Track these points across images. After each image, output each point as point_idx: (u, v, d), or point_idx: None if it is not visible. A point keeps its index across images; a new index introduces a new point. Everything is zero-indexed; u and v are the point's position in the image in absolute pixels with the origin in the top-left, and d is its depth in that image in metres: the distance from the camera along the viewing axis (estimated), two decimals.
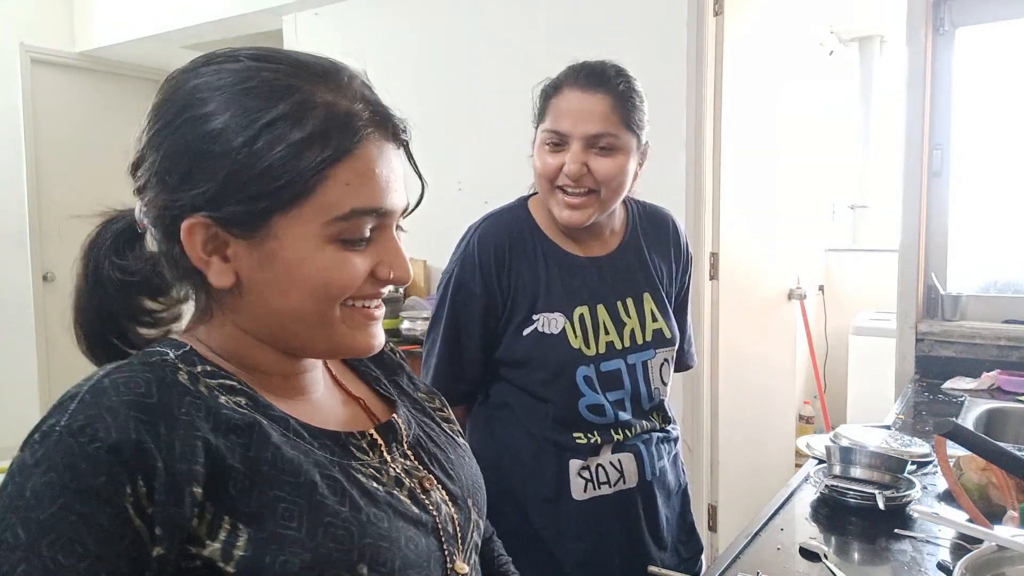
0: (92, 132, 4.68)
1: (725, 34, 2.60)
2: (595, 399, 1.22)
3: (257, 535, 0.54)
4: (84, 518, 0.49)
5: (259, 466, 0.57)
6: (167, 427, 0.54)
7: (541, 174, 1.21)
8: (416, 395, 0.81)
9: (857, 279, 4.28)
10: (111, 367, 0.57)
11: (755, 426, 3.02)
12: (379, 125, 0.62)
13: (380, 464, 0.66)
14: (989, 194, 2.40)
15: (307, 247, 0.59)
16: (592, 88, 1.17)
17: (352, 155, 0.59)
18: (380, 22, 3.40)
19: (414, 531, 0.64)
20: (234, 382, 0.61)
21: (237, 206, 0.58)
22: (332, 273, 0.60)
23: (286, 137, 0.58)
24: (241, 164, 0.58)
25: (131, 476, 0.51)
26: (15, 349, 4.32)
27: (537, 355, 1.22)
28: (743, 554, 1.09)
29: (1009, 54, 2.35)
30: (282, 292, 0.61)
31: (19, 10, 4.30)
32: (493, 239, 1.25)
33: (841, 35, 4.37)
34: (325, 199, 0.59)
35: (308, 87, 0.59)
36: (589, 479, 1.23)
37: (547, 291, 1.23)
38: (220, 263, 0.61)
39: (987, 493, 1.19)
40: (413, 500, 0.66)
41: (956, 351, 2.23)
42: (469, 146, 3.13)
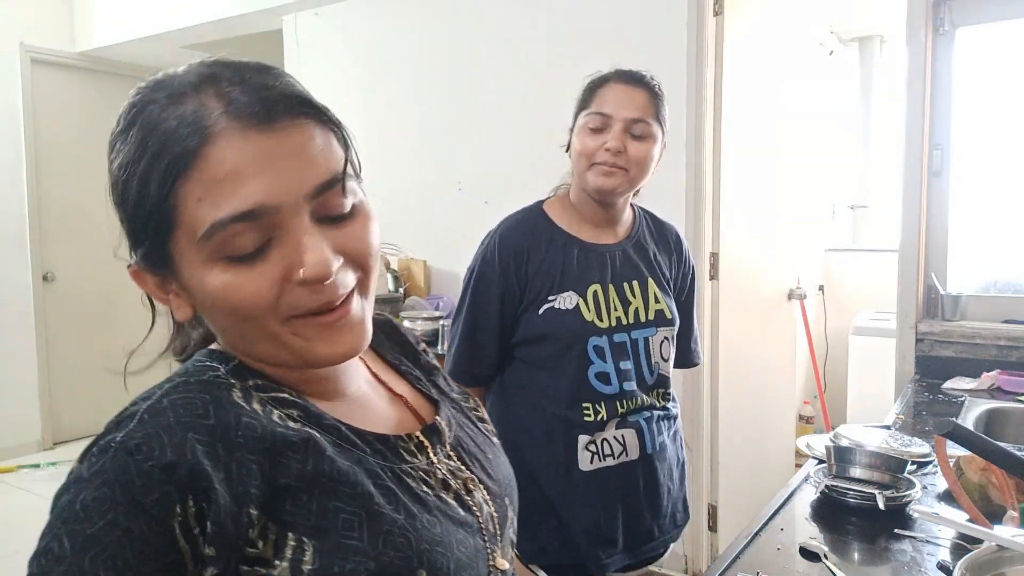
0: (92, 132, 4.67)
1: (725, 34, 2.60)
2: (603, 367, 1.37)
3: (322, 547, 0.55)
4: (130, 534, 0.49)
5: (317, 479, 0.57)
6: (225, 449, 0.54)
7: (582, 152, 1.39)
8: (453, 395, 0.81)
9: (857, 279, 4.28)
10: (168, 386, 0.57)
11: (755, 426, 3.02)
12: (241, 113, 0.54)
13: (428, 467, 0.67)
14: (989, 194, 2.40)
15: (198, 275, 0.56)
16: (634, 83, 1.39)
17: (199, 162, 0.53)
18: (380, 22, 3.41)
19: (463, 533, 0.65)
20: (285, 394, 0.61)
21: (139, 249, 0.59)
22: (228, 297, 0.55)
23: (136, 169, 0.55)
24: (123, 211, 0.58)
25: (182, 496, 0.51)
26: (15, 349, 4.33)
27: (553, 328, 1.37)
28: (743, 554, 1.09)
29: (1009, 54, 2.35)
30: (214, 319, 0.60)
31: (19, 10, 4.30)
32: (513, 238, 1.41)
33: (841, 35, 4.37)
34: (186, 220, 0.54)
35: (151, 106, 0.56)
36: (595, 452, 1.37)
37: (563, 275, 1.39)
38: (175, 299, 0.61)
39: (987, 493, 1.19)
40: (459, 502, 0.67)
41: (956, 351, 2.23)
42: (469, 146, 3.13)
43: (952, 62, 2.32)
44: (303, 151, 0.55)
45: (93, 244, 4.70)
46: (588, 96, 1.41)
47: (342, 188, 0.57)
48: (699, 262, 2.61)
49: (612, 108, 1.37)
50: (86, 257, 4.67)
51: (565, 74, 2.95)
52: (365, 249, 0.59)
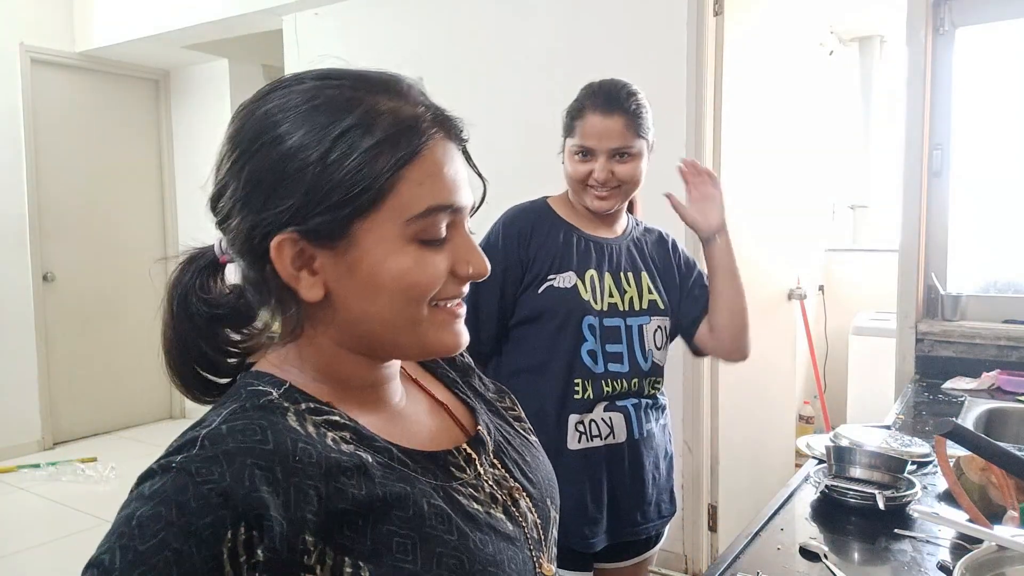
0: (92, 132, 4.68)
1: (725, 34, 2.60)
2: (593, 345, 1.45)
3: (378, 571, 0.56)
4: (179, 555, 0.50)
5: (371, 504, 0.58)
6: (283, 474, 0.55)
7: (573, 177, 1.48)
8: (488, 396, 0.82)
9: (857, 279, 4.28)
10: (226, 412, 0.58)
11: (755, 426, 3.02)
12: (441, 126, 0.64)
13: (476, 481, 0.68)
14: (989, 194, 2.40)
15: (388, 249, 0.61)
16: (610, 112, 1.44)
17: (421, 155, 0.61)
18: (380, 22, 3.41)
19: (513, 549, 0.65)
20: (337, 416, 0.63)
21: (320, 217, 0.59)
22: (415, 273, 0.61)
23: (358, 145, 0.59)
24: (319, 177, 0.59)
25: (235, 522, 0.52)
26: (15, 349, 4.33)
27: (551, 305, 1.45)
28: (743, 554, 1.09)
29: (1009, 54, 2.35)
30: (369, 298, 0.62)
31: (19, 10, 4.30)
32: (518, 222, 1.50)
33: (841, 35, 4.37)
34: (401, 200, 0.60)
35: (371, 98, 0.62)
36: (583, 432, 1.45)
37: (562, 258, 1.47)
38: (309, 277, 0.62)
39: (987, 493, 1.19)
40: (507, 514, 0.68)
41: (956, 351, 2.23)
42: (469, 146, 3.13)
43: (952, 62, 2.32)
44: (465, 171, 0.66)
45: (93, 244, 4.71)
46: (570, 124, 1.48)
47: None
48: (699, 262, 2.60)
49: (593, 141, 1.44)
50: (86, 257, 4.67)
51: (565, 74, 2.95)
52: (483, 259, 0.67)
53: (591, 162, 1.45)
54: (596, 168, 1.45)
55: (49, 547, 3.15)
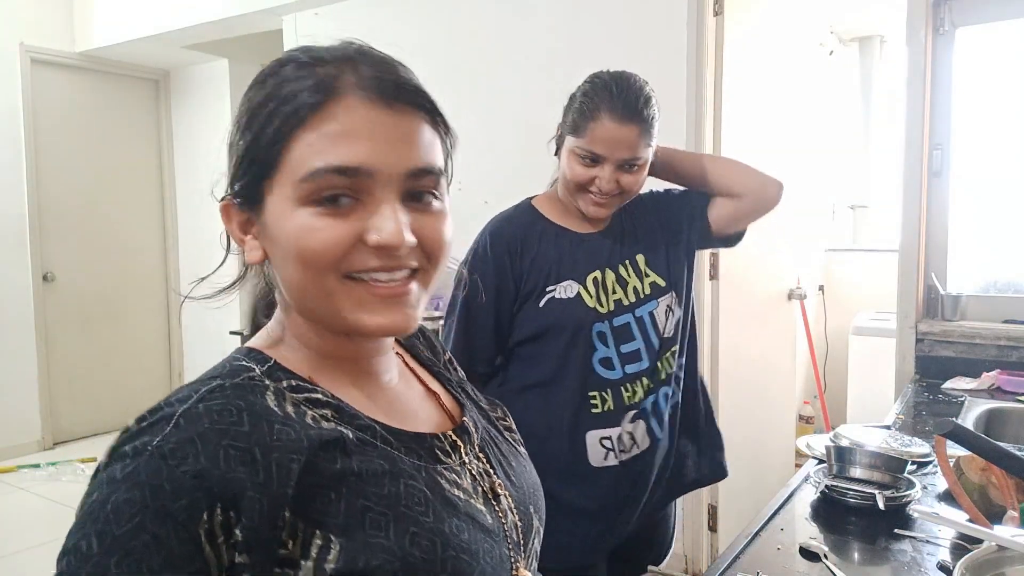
0: (92, 132, 4.68)
1: (725, 34, 2.60)
2: (606, 353, 1.38)
3: (348, 545, 0.55)
4: (157, 539, 0.50)
5: (345, 478, 0.58)
6: (262, 453, 0.55)
7: (574, 180, 1.37)
8: (480, 404, 0.81)
9: (857, 279, 4.28)
10: (204, 389, 0.58)
11: (755, 426, 3.02)
12: (370, 86, 0.60)
13: (460, 467, 0.67)
14: (989, 194, 2.40)
15: (284, 212, 0.60)
16: (627, 120, 1.32)
17: (320, 114, 0.59)
18: (380, 22, 3.41)
19: (490, 542, 0.64)
20: (319, 394, 0.62)
21: (239, 182, 0.63)
22: (305, 238, 0.59)
23: (265, 110, 0.60)
24: (240, 145, 0.62)
25: (211, 504, 0.52)
26: (15, 349, 4.33)
27: (556, 319, 1.38)
28: (743, 554, 1.09)
29: (1009, 54, 2.35)
30: (282, 263, 0.62)
31: (19, 10, 4.30)
32: (506, 233, 1.41)
33: (841, 35, 4.37)
34: (292, 161, 0.59)
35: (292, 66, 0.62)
36: (611, 448, 1.38)
37: (560, 265, 1.40)
38: (251, 240, 0.64)
39: (987, 493, 1.19)
40: (487, 507, 0.67)
41: (956, 351, 2.23)
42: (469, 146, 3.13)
43: (952, 62, 2.32)
44: (411, 136, 0.61)
45: (93, 244, 4.71)
46: (578, 124, 1.35)
47: (435, 181, 0.63)
48: (699, 262, 2.61)
49: (604, 149, 1.33)
50: (86, 257, 4.67)
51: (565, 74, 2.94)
52: (439, 240, 0.63)
53: (596, 168, 1.35)
54: (602, 177, 1.34)
55: (49, 547, 3.15)
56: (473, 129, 3.13)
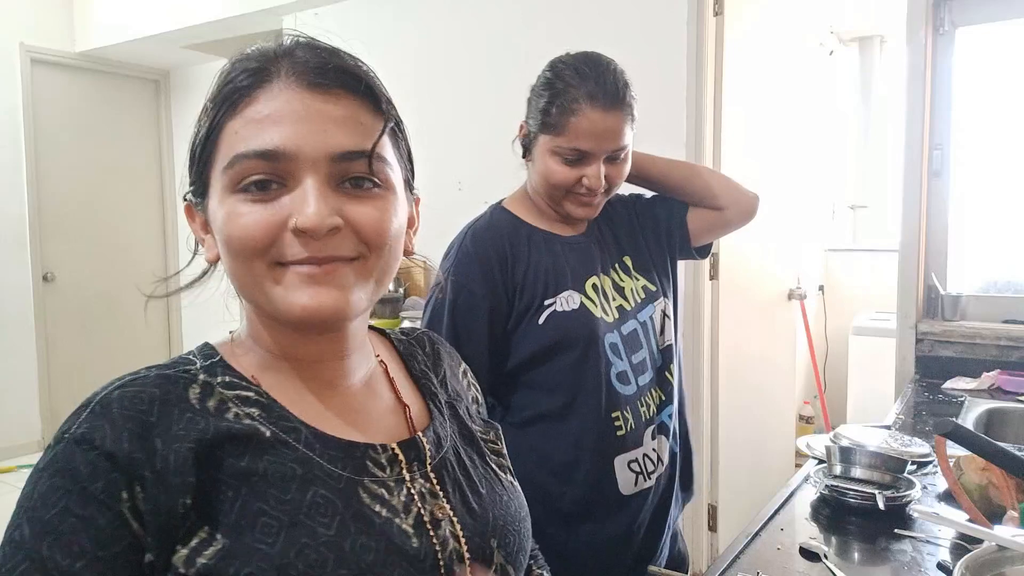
0: (92, 132, 4.68)
1: (725, 34, 2.60)
2: (622, 366, 1.25)
3: (232, 545, 0.54)
4: (83, 520, 0.52)
5: (249, 477, 0.57)
6: (162, 442, 0.56)
7: (555, 183, 1.23)
8: (471, 424, 0.77)
9: (857, 279, 4.28)
10: (128, 377, 0.59)
11: (755, 426, 3.02)
12: (298, 71, 0.59)
13: (395, 483, 0.63)
14: (989, 194, 2.40)
15: (216, 202, 0.61)
16: (611, 108, 1.19)
17: (247, 102, 0.59)
18: (380, 22, 3.40)
19: (406, 567, 0.59)
20: (251, 393, 0.62)
21: (191, 177, 0.64)
22: (228, 226, 0.59)
23: (206, 106, 0.62)
24: (193, 143, 0.63)
25: (128, 483, 0.53)
26: (15, 349, 4.33)
27: (563, 334, 1.22)
28: (743, 554, 1.09)
29: (1009, 54, 2.35)
30: (223, 255, 0.63)
31: (19, 10, 4.30)
32: (492, 241, 1.25)
33: (841, 35, 4.37)
34: (221, 151, 0.60)
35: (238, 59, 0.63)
36: (640, 471, 1.25)
37: (556, 274, 1.25)
38: (209, 239, 0.65)
39: (987, 493, 1.19)
40: (417, 531, 0.61)
41: (956, 351, 2.23)
42: (469, 146, 3.13)
43: (952, 62, 2.32)
44: (342, 120, 0.59)
45: (93, 244, 4.71)
46: (555, 121, 1.20)
47: (369, 164, 0.60)
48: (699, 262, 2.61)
49: (591, 144, 1.19)
50: (86, 257, 4.67)
51: None
52: (373, 227, 0.60)
53: (582, 167, 1.21)
54: (590, 174, 1.20)
55: None
56: (473, 129, 3.13)
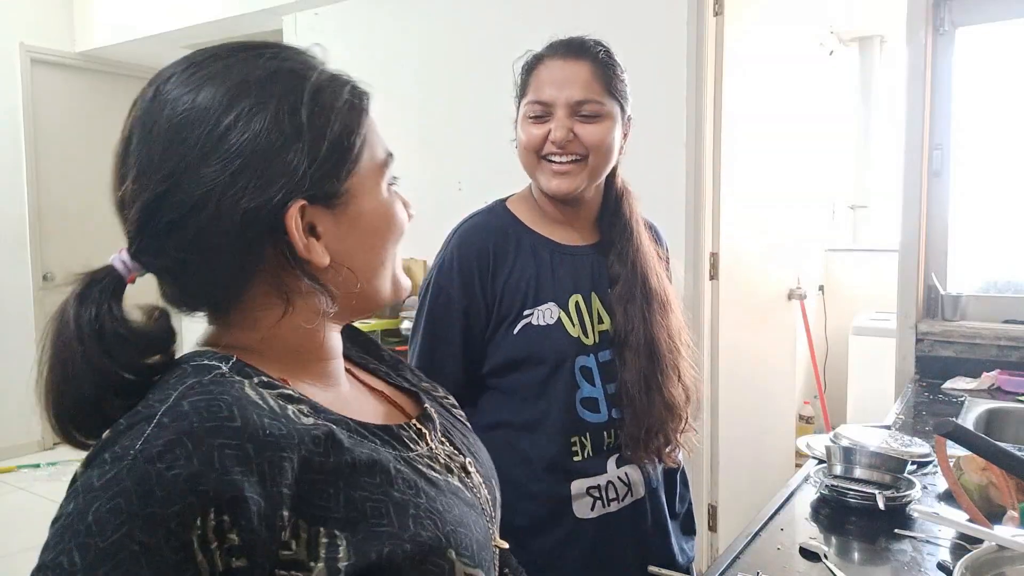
0: (92, 132, 4.68)
1: (725, 34, 2.60)
2: (591, 391, 1.18)
3: (355, 538, 0.55)
4: (146, 549, 0.47)
5: (340, 471, 0.57)
6: (256, 450, 0.52)
7: (526, 146, 1.20)
8: (423, 385, 0.82)
9: (857, 279, 4.28)
10: (183, 387, 0.54)
11: (755, 426, 3.02)
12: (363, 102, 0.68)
13: (430, 452, 0.69)
14: (989, 194, 2.40)
15: (377, 196, 0.66)
16: (572, 56, 1.17)
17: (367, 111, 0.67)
18: (380, 22, 3.40)
19: (474, 515, 0.67)
20: (290, 391, 0.60)
21: (323, 180, 0.61)
22: (396, 212, 0.68)
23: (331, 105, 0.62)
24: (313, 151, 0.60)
25: (204, 508, 0.49)
26: (15, 349, 4.33)
27: (534, 349, 1.17)
28: (743, 554, 1.09)
29: (1009, 54, 2.35)
30: (369, 247, 0.66)
31: (19, 10, 4.30)
32: (476, 243, 1.20)
33: (841, 35, 4.37)
34: (372, 151, 0.66)
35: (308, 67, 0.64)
36: (599, 497, 1.18)
37: (539, 284, 1.19)
38: (317, 244, 0.61)
39: (987, 493, 1.19)
40: (464, 484, 0.70)
41: (956, 351, 2.23)
42: (469, 146, 3.13)
43: (952, 62, 2.32)
44: None
45: (93, 244, 4.70)
46: (525, 81, 1.23)
47: None
48: (699, 262, 2.61)
49: (551, 92, 1.16)
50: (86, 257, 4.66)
51: None
52: None
53: (547, 123, 1.16)
54: (553, 125, 1.15)
55: None
56: (473, 129, 3.13)
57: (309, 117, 0.60)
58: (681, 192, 2.59)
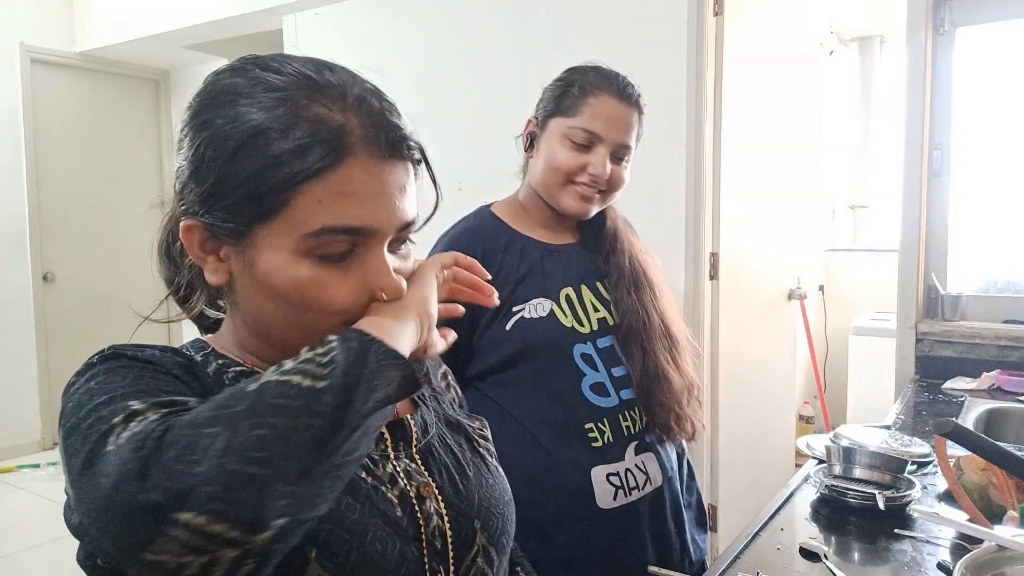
0: (92, 132, 4.68)
1: (725, 34, 2.60)
2: (597, 377, 1.22)
3: None
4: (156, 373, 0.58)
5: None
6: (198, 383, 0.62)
7: (559, 168, 1.24)
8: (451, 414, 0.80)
9: (857, 279, 4.28)
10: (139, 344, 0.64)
11: (755, 426, 3.02)
12: (373, 142, 0.60)
13: (379, 457, 0.67)
14: (989, 194, 2.40)
15: (284, 260, 0.60)
16: (626, 101, 1.25)
17: (331, 172, 0.58)
18: (380, 22, 3.40)
19: (388, 532, 0.63)
20: (243, 368, 0.67)
21: (221, 213, 0.60)
22: (311, 289, 0.60)
23: (267, 149, 0.58)
24: (227, 172, 0.59)
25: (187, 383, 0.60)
26: (15, 349, 4.33)
27: (528, 342, 1.20)
28: (743, 554, 1.09)
29: (1009, 54, 2.35)
30: (263, 298, 0.63)
31: (19, 10, 4.30)
32: (464, 247, 1.22)
33: (841, 35, 4.37)
34: (295, 215, 0.59)
35: (303, 100, 0.59)
36: (620, 485, 1.21)
37: (528, 279, 1.24)
38: (216, 262, 0.64)
39: (987, 493, 1.19)
40: (402, 503, 0.66)
41: (956, 351, 2.23)
42: (469, 146, 3.13)
43: (952, 62, 2.32)
44: (404, 188, 0.63)
45: (93, 244, 4.71)
46: (574, 103, 1.25)
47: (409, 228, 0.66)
48: (699, 262, 2.61)
49: (603, 128, 1.22)
50: (86, 257, 4.67)
51: None
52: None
53: (589, 153, 1.22)
54: (595, 162, 1.21)
55: (49, 547, 3.14)
56: (473, 129, 3.12)
57: (239, 145, 0.58)
58: (681, 192, 2.59)
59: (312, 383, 0.50)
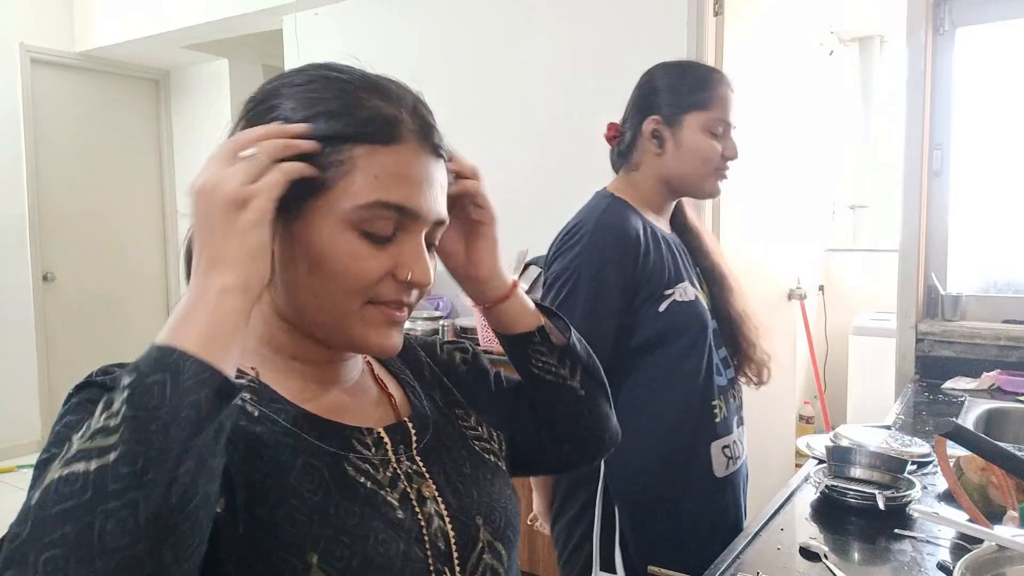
0: (92, 132, 4.68)
1: (725, 34, 2.60)
2: (717, 358, 1.36)
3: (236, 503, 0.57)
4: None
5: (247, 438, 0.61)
6: None
7: (709, 158, 1.34)
8: (450, 411, 0.80)
9: (857, 279, 4.28)
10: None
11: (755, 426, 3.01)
12: (422, 135, 0.65)
13: (380, 462, 0.67)
14: (989, 194, 2.40)
15: (332, 231, 0.62)
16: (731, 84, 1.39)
17: (386, 149, 0.63)
18: (380, 22, 3.41)
19: (390, 534, 0.63)
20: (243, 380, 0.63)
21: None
22: (347, 261, 0.62)
23: (328, 127, 0.62)
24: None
25: None
26: (15, 349, 4.33)
27: (679, 324, 1.30)
28: (743, 554, 1.09)
29: (1009, 54, 2.35)
30: (307, 271, 0.63)
31: (19, 10, 4.30)
32: (623, 228, 1.29)
33: (841, 35, 4.37)
34: (353, 187, 0.62)
35: (362, 93, 0.64)
36: (730, 456, 1.35)
37: (672, 267, 1.33)
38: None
39: (987, 493, 1.19)
40: (403, 503, 0.66)
41: (956, 351, 2.23)
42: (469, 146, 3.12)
43: (952, 62, 2.32)
44: (443, 187, 0.68)
45: (93, 244, 4.71)
46: (707, 96, 1.34)
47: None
48: None
49: (731, 114, 1.36)
50: (86, 257, 4.67)
51: (564, 74, 2.95)
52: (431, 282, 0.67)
53: (722, 140, 1.35)
54: (732, 144, 1.36)
55: None
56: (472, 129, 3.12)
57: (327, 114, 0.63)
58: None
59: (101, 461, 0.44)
